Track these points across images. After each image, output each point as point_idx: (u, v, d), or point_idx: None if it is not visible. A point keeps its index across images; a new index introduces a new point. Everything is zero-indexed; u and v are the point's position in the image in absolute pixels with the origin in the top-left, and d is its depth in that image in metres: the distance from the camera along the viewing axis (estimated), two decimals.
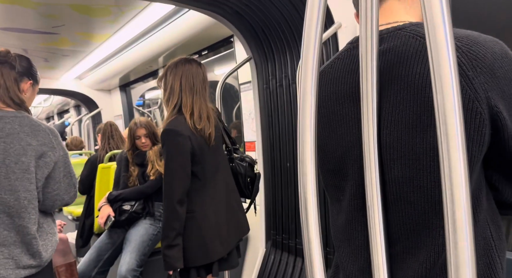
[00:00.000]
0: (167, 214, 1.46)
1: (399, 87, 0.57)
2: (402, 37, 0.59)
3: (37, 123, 1.25)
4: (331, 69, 0.69)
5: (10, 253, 1.17)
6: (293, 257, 2.05)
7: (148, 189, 2.14)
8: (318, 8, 0.52)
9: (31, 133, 1.21)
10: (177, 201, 1.45)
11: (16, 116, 1.22)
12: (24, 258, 1.19)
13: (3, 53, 1.28)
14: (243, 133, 2.71)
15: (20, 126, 1.21)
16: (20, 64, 1.30)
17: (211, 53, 3.24)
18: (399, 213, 0.58)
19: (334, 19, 1.55)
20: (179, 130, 1.47)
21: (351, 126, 0.64)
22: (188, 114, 1.51)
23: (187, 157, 1.47)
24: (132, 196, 2.13)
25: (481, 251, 0.57)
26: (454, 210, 0.39)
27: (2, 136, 1.18)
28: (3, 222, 1.17)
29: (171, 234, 1.44)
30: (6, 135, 1.18)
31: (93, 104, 5.15)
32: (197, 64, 1.61)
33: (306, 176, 0.52)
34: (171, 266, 1.45)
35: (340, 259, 0.70)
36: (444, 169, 0.39)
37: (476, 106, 0.51)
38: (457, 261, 0.38)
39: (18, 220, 1.19)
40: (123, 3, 2.43)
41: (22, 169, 1.18)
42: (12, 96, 1.24)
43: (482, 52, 0.53)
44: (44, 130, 1.25)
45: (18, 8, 2.44)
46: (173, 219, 1.45)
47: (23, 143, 1.19)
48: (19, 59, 1.31)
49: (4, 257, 1.16)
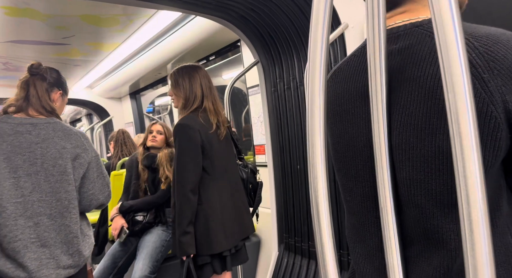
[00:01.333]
0: (181, 201, 1.52)
1: (411, 88, 0.55)
2: (418, 35, 0.57)
3: (68, 128, 1.34)
4: (346, 67, 0.68)
5: (51, 253, 1.25)
6: (306, 260, 2.03)
7: (159, 200, 2.16)
8: (324, 9, 0.51)
9: (64, 137, 1.30)
10: (190, 189, 1.52)
11: (49, 123, 1.31)
12: (64, 258, 1.26)
13: (35, 66, 1.37)
14: (252, 136, 2.71)
15: (54, 131, 1.30)
16: (51, 76, 1.40)
17: (219, 58, 3.26)
18: (410, 216, 0.57)
19: (341, 20, 1.54)
20: (190, 124, 1.55)
21: (362, 126, 0.63)
22: (213, 116, 1.63)
23: (197, 149, 1.55)
24: (144, 207, 2.15)
25: (501, 257, 0.54)
26: (470, 211, 0.38)
27: (39, 142, 1.26)
28: (44, 224, 1.24)
29: (184, 221, 1.50)
30: (42, 140, 1.27)
31: (105, 112, 5.22)
32: (204, 69, 1.71)
33: (317, 179, 0.52)
34: (183, 252, 1.51)
35: (354, 260, 0.69)
36: (458, 169, 0.38)
37: (491, 110, 0.49)
38: (475, 264, 0.37)
39: (61, 220, 1.26)
40: (131, 12, 2.46)
41: (60, 171, 1.27)
42: (44, 105, 1.33)
43: (502, 52, 0.50)
44: (76, 133, 1.34)
45: (29, 21, 2.50)
46: (186, 207, 1.51)
47: (58, 147, 1.28)
48: (50, 71, 1.41)
49: (46, 257, 1.24)
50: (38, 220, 1.24)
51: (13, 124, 1.27)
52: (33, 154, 1.25)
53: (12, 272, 1.21)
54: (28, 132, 1.26)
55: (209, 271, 1.59)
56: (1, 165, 1.21)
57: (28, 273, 1.21)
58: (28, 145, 1.25)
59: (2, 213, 1.20)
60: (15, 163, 1.23)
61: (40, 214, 1.24)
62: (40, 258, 1.23)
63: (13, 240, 1.21)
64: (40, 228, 1.24)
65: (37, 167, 1.24)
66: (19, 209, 1.22)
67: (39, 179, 1.24)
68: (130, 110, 5.02)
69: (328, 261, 0.51)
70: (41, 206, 1.24)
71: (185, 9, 1.83)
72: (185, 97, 1.63)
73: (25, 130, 1.27)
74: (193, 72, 1.64)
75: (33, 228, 1.23)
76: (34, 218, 1.23)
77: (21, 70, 3.88)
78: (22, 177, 1.23)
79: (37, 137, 1.26)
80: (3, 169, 1.21)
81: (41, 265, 1.23)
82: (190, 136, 1.54)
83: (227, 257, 1.61)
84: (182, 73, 1.64)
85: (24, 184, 1.23)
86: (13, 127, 1.26)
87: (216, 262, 1.60)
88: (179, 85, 1.64)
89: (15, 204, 1.22)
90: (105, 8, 2.36)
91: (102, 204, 1.41)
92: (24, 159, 1.24)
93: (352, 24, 1.52)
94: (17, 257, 1.21)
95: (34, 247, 1.23)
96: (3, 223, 1.20)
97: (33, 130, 1.27)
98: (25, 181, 1.23)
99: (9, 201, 1.21)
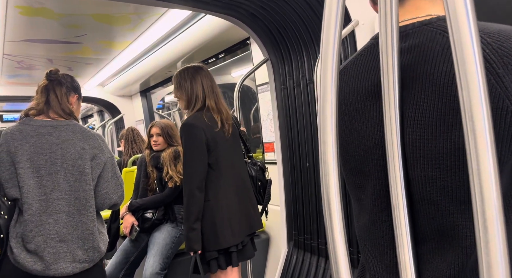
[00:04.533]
0: (187, 199, 1.57)
1: (423, 86, 0.55)
2: (428, 33, 0.57)
3: (87, 130, 1.41)
4: (353, 66, 0.68)
5: (69, 247, 1.31)
6: (315, 257, 2.03)
7: (167, 198, 2.18)
8: (337, 6, 0.51)
9: (83, 139, 1.36)
10: (196, 187, 1.56)
11: (69, 125, 1.38)
12: (79, 252, 1.32)
13: (54, 72, 1.45)
14: (261, 134, 2.72)
15: (73, 133, 1.36)
16: (67, 81, 1.48)
17: (228, 56, 3.27)
18: (424, 213, 0.57)
19: (352, 17, 1.53)
20: (194, 123, 1.60)
21: (373, 124, 0.63)
22: (216, 115, 1.66)
23: (202, 147, 1.59)
24: (152, 206, 2.18)
25: None
26: (484, 208, 0.37)
27: (59, 143, 1.32)
28: (63, 220, 1.30)
29: (191, 217, 1.55)
30: (62, 141, 1.33)
31: (116, 109, 5.28)
32: (206, 69, 1.75)
33: (328, 176, 0.52)
34: (190, 248, 1.56)
35: (365, 258, 0.69)
36: (472, 165, 0.38)
37: (506, 105, 0.49)
38: (489, 261, 0.37)
39: (78, 217, 1.32)
40: (142, 10, 2.48)
41: (79, 171, 1.33)
42: (63, 108, 1.41)
43: None
44: (93, 135, 1.41)
45: (42, 20, 2.54)
46: (192, 204, 1.56)
47: (77, 148, 1.34)
48: (66, 77, 1.49)
49: (63, 251, 1.30)
50: (57, 217, 1.30)
51: (35, 127, 1.33)
52: (54, 154, 1.31)
53: (31, 266, 1.27)
54: (49, 134, 1.33)
55: (215, 266, 1.62)
56: (25, 165, 1.27)
57: (46, 266, 1.27)
58: (49, 146, 1.31)
59: (28, 210, 1.27)
60: (38, 163, 1.29)
61: (60, 212, 1.30)
62: (58, 252, 1.29)
63: (37, 235, 1.27)
64: (59, 224, 1.30)
65: (57, 166, 1.30)
66: (42, 206, 1.28)
67: (59, 178, 1.30)
68: (140, 108, 5.07)
69: (340, 258, 0.51)
70: (60, 204, 1.30)
71: (196, 7, 1.84)
72: (187, 98, 1.68)
73: (46, 132, 1.33)
74: (195, 73, 1.68)
75: (52, 224, 1.29)
76: (54, 215, 1.29)
77: (34, 68, 3.94)
78: (44, 176, 1.29)
79: (57, 139, 1.33)
80: (27, 168, 1.28)
81: (58, 258, 1.29)
82: (195, 135, 1.58)
83: (233, 253, 1.63)
84: (183, 75, 1.70)
85: (46, 183, 1.29)
86: (35, 129, 1.33)
87: (222, 257, 1.63)
88: (181, 87, 1.69)
89: (39, 202, 1.28)
90: (117, 7, 2.38)
91: (115, 203, 1.46)
92: (46, 159, 1.30)
93: (362, 21, 1.51)
94: (38, 251, 1.27)
95: (53, 243, 1.29)
96: (29, 219, 1.27)
97: (54, 132, 1.34)
98: (47, 180, 1.29)
99: (34, 198, 1.27)
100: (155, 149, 2.29)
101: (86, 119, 8.52)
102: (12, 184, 1.28)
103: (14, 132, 1.31)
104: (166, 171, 2.17)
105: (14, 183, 1.28)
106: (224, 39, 2.81)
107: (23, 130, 1.31)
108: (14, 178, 1.28)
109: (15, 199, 1.29)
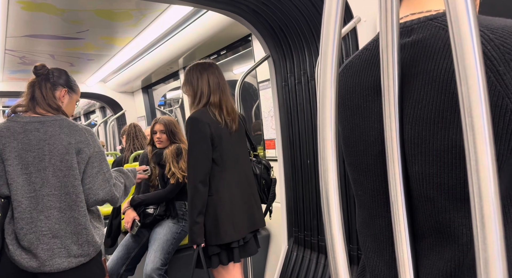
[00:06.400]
0: (191, 192, 1.59)
1: (423, 82, 0.55)
2: (432, 29, 0.56)
3: (74, 124, 1.39)
4: (358, 60, 0.67)
5: (62, 243, 1.30)
6: (315, 253, 2.04)
7: (169, 194, 2.19)
8: (337, 2, 0.51)
9: (69, 133, 1.35)
10: (199, 181, 1.58)
11: (56, 120, 1.36)
12: (74, 247, 1.32)
13: (39, 67, 1.44)
14: (262, 131, 2.72)
15: (60, 128, 1.35)
16: (54, 75, 1.46)
17: (230, 52, 3.26)
18: (421, 209, 0.57)
19: (353, 13, 1.52)
20: (199, 118, 1.62)
21: (373, 120, 0.62)
22: (217, 111, 1.67)
23: (207, 141, 1.61)
24: (154, 201, 2.19)
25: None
26: (482, 205, 0.37)
27: (46, 139, 1.31)
28: (54, 216, 1.30)
29: (194, 211, 1.57)
30: (49, 137, 1.32)
31: (117, 106, 5.29)
32: (215, 66, 1.75)
33: (327, 172, 0.52)
34: (192, 241, 1.58)
35: (365, 254, 0.69)
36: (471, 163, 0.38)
37: (506, 104, 0.48)
38: (486, 258, 0.37)
39: (70, 212, 1.32)
40: (144, 6, 2.48)
41: (67, 166, 1.32)
42: (50, 103, 1.39)
43: None
44: (81, 130, 1.38)
45: (44, 15, 2.54)
46: (195, 198, 1.57)
47: (64, 143, 1.32)
48: (54, 71, 1.47)
49: (57, 247, 1.30)
50: (49, 214, 1.29)
51: (22, 123, 1.32)
52: (42, 151, 1.30)
53: (27, 263, 1.27)
54: (37, 130, 1.32)
55: (216, 261, 1.63)
56: (14, 162, 1.27)
57: (41, 262, 1.27)
58: (37, 142, 1.30)
59: (18, 208, 1.27)
60: (26, 159, 1.28)
61: (51, 208, 1.29)
62: (52, 249, 1.29)
63: (28, 232, 1.27)
64: (51, 220, 1.29)
65: (46, 162, 1.29)
66: (32, 203, 1.28)
67: (48, 174, 1.29)
68: (142, 104, 5.08)
69: (338, 255, 0.51)
70: (50, 200, 1.29)
71: (197, 3, 1.84)
72: (193, 94, 1.71)
73: (33, 128, 1.32)
74: (202, 70, 1.71)
75: (44, 221, 1.29)
76: (45, 212, 1.29)
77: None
78: (33, 172, 1.28)
79: (44, 135, 1.31)
80: (16, 165, 1.27)
81: (53, 254, 1.29)
82: (200, 129, 1.59)
83: (235, 249, 1.64)
84: (192, 71, 1.72)
85: (35, 179, 1.28)
86: (22, 125, 1.32)
87: (224, 253, 1.64)
88: (188, 83, 1.72)
89: (29, 199, 1.28)
90: (119, 3, 2.38)
91: (103, 200, 1.39)
92: (34, 155, 1.29)
93: (364, 18, 1.50)
94: (31, 248, 1.27)
95: (46, 239, 1.28)
96: (19, 216, 1.27)
97: (41, 128, 1.32)
98: (36, 177, 1.28)
99: (23, 196, 1.27)
100: (159, 146, 2.29)
101: (88, 116, 8.54)
102: (2, 181, 1.28)
103: (2, 129, 1.30)
104: (169, 168, 2.18)
105: (4, 181, 1.28)
106: (225, 36, 2.80)
107: (11, 127, 1.30)
108: (3, 176, 1.28)
109: (7, 196, 1.29)
